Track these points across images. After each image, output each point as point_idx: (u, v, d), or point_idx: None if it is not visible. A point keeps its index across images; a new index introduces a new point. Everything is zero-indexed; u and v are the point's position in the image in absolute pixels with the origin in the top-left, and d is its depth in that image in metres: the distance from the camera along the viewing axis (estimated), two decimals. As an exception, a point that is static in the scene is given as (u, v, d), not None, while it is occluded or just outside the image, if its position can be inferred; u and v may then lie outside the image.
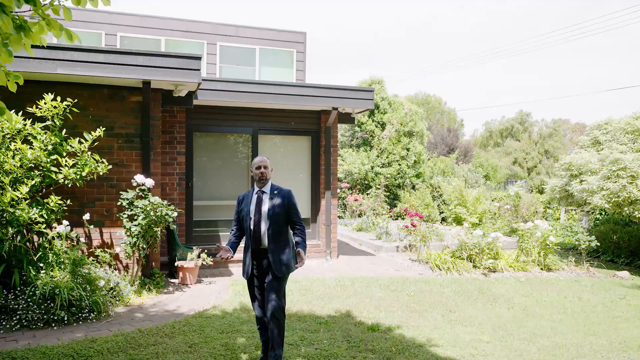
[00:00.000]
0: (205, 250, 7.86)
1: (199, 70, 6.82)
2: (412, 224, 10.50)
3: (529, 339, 5.26)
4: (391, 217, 15.95)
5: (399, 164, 18.64)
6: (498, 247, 9.21)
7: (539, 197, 16.66)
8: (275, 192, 4.26)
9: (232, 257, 4.18)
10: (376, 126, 19.28)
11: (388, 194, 18.16)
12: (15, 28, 3.07)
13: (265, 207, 4.18)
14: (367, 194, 16.95)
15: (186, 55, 6.75)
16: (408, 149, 19.02)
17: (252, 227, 4.17)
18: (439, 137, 28.79)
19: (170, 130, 8.47)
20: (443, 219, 16.60)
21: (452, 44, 77.82)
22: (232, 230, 4.41)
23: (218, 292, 6.90)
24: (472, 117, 74.06)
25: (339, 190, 16.73)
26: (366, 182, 18.30)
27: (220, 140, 9.39)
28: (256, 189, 4.31)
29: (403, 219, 14.14)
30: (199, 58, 6.83)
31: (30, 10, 3.15)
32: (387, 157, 18.65)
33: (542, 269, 9.29)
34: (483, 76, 73.88)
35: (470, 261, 9.04)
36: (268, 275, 4.17)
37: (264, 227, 4.15)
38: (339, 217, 17.33)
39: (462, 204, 15.26)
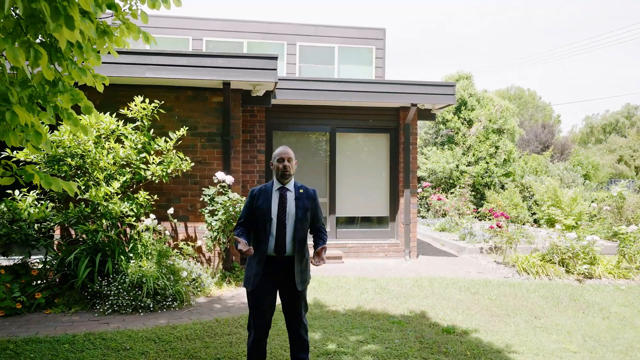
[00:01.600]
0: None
1: (276, 70, 6.97)
2: (497, 225, 9.97)
3: (625, 352, 4.74)
4: (477, 217, 15.27)
5: (487, 163, 17.79)
6: (595, 251, 8.44)
7: (647, 198, 15.04)
8: (301, 191, 3.63)
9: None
10: (462, 123, 18.57)
11: (474, 193, 17.41)
12: (99, 33, 3.32)
13: (292, 209, 3.54)
14: (452, 193, 16.37)
15: (263, 55, 6.94)
16: (497, 147, 18.10)
17: (274, 230, 3.49)
18: (532, 134, 27.07)
19: (250, 129, 8.75)
20: (535, 221, 15.58)
21: (543, 36, 72.95)
22: (239, 226, 3.63)
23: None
24: (571, 112, 68.90)
25: (421, 190, 16.32)
26: (451, 181, 17.68)
27: (298, 138, 9.55)
28: (276, 184, 3.61)
29: (490, 219, 13.46)
30: (275, 58, 6.98)
31: (112, 16, 3.39)
32: (473, 155, 17.88)
33: (647, 276, 8.37)
34: (581, 69, 68.42)
35: (563, 266, 8.37)
36: (283, 290, 3.60)
37: (290, 231, 3.51)
38: (422, 217, 16.91)
39: (556, 204, 14.19)
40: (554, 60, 72.36)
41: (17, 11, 2.78)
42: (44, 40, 3.04)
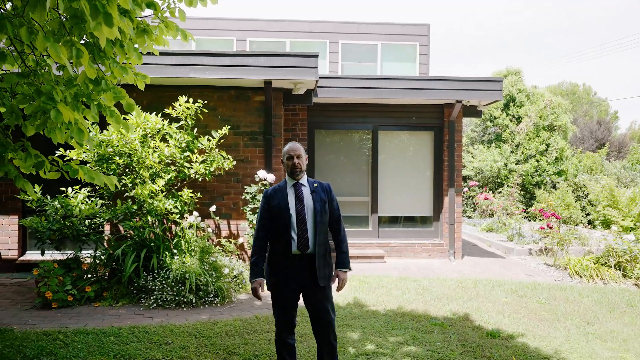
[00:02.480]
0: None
1: (316, 67, 6.95)
2: (548, 226, 9.55)
3: (689, 363, 4.40)
4: (526, 217, 14.72)
5: (537, 161, 17.11)
6: (656, 254, 7.93)
7: None
8: (316, 185, 3.57)
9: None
10: (511, 120, 17.95)
11: (523, 192, 16.78)
12: (139, 32, 3.40)
13: (310, 202, 3.46)
14: (499, 192, 15.85)
15: (303, 53, 6.93)
16: (548, 145, 17.38)
17: (295, 226, 3.41)
18: (587, 131, 25.83)
19: (292, 127, 8.78)
20: (589, 222, 14.84)
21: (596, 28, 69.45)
22: (257, 237, 3.54)
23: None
24: (630, 108, 65.21)
25: (467, 189, 15.90)
26: (498, 180, 17.13)
27: (341, 136, 9.49)
28: (290, 182, 3.54)
29: (540, 220, 12.93)
30: (315, 56, 6.96)
31: (151, 15, 3.46)
32: (522, 153, 17.24)
33: None
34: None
35: (619, 269, 7.91)
36: (306, 289, 3.49)
37: (310, 225, 3.43)
38: (468, 217, 16.48)
39: (612, 205, 13.46)
40: (609, 54, 68.82)
41: (62, 13, 2.88)
42: (87, 40, 3.14)
